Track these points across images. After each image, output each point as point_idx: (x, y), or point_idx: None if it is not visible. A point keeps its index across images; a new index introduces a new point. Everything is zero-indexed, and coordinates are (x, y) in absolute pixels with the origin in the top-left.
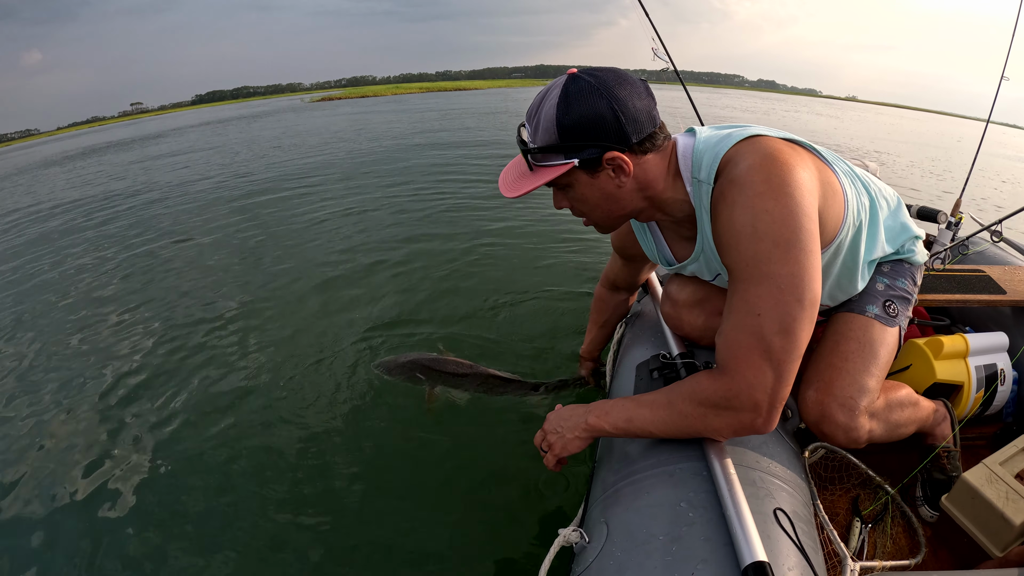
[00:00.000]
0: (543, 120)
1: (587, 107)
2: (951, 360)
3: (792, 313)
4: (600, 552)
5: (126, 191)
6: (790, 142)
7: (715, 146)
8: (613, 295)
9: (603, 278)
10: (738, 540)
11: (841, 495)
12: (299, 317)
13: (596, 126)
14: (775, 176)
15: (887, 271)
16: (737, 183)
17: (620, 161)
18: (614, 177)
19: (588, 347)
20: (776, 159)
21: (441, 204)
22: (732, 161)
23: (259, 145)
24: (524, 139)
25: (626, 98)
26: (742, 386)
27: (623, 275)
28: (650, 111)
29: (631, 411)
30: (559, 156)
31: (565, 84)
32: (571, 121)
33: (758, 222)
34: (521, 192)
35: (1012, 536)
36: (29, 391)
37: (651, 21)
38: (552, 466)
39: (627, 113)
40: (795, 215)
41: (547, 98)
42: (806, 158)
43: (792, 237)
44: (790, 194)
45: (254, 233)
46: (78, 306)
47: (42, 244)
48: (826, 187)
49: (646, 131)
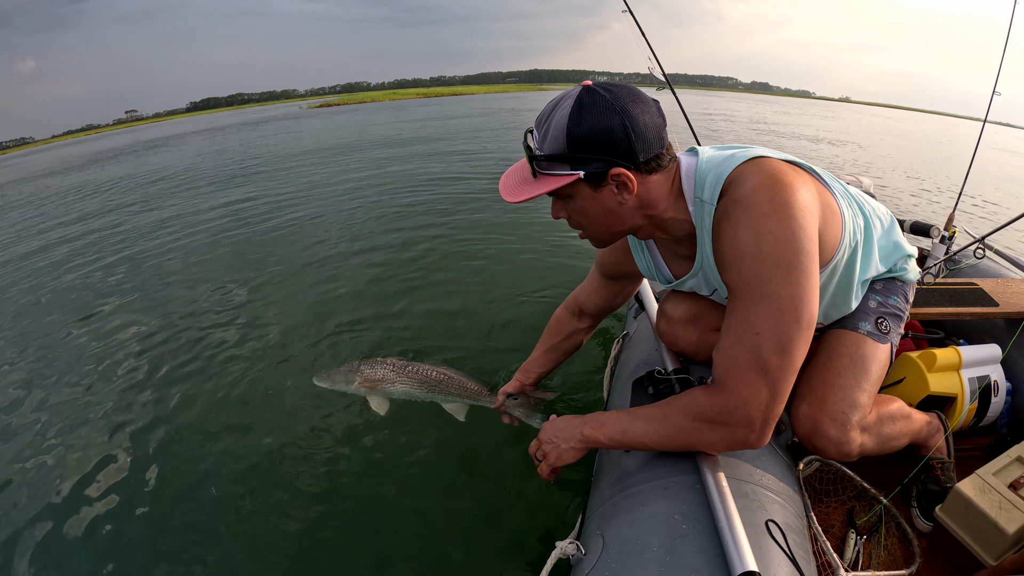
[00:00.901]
0: (553, 128)
1: (599, 121)
2: (944, 372)
3: (790, 333)
4: (596, 563)
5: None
6: (791, 164)
7: (718, 167)
8: (573, 321)
9: (569, 301)
10: (730, 551)
11: (836, 507)
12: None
13: (606, 140)
14: (779, 197)
15: (880, 289)
16: (741, 203)
17: (625, 178)
18: (617, 193)
19: (527, 364)
20: (780, 180)
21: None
22: (736, 181)
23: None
24: (531, 145)
25: (638, 116)
26: (737, 402)
27: (596, 298)
28: (659, 131)
29: (626, 423)
30: (565, 166)
31: (579, 95)
32: (582, 133)
33: (762, 242)
34: (523, 198)
35: (1006, 545)
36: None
37: (647, 40)
38: (546, 475)
39: (638, 131)
40: (798, 237)
41: (559, 107)
42: (807, 180)
43: (794, 259)
44: (793, 216)
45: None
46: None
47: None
48: (825, 209)
49: (654, 151)
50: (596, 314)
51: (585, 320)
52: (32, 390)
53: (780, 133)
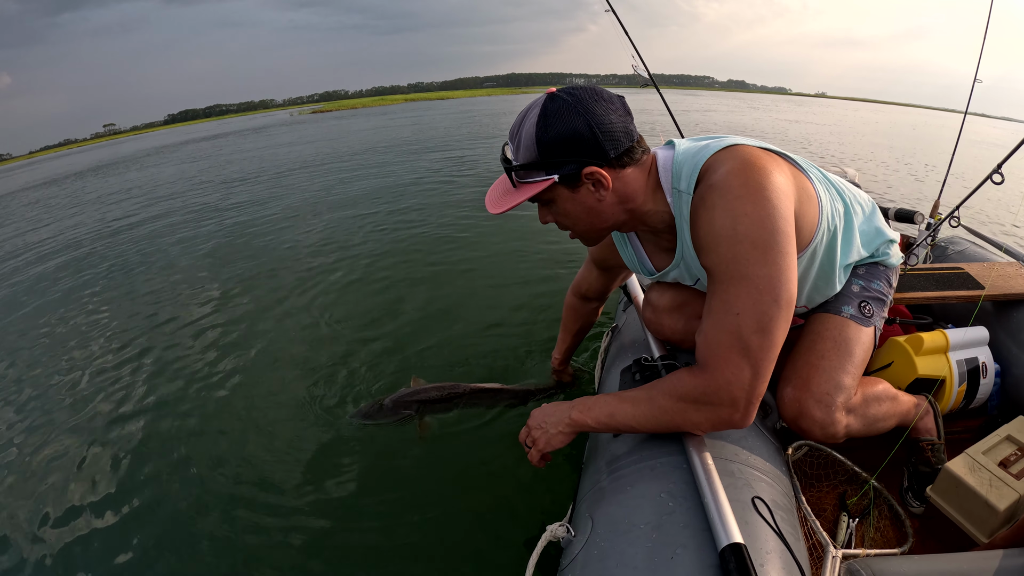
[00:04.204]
0: (524, 138)
1: (564, 124)
2: (932, 355)
3: (769, 313)
4: (585, 544)
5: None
6: (766, 150)
7: (694, 156)
8: (584, 304)
9: (574, 287)
10: (715, 525)
11: (828, 491)
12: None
13: (574, 142)
14: (752, 180)
15: (862, 273)
16: (716, 188)
17: (599, 176)
18: (594, 191)
19: (562, 355)
20: (754, 164)
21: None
22: (711, 169)
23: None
24: (508, 157)
25: (603, 115)
26: (721, 382)
27: (596, 285)
28: (627, 126)
29: (613, 406)
30: (540, 172)
31: (544, 104)
32: (550, 138)
33: (737, 224)
34: (505, 208)
35: (997, 523)
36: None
37: (631, 39)
38: (536, 462)
39: (604, 129)
40: (772, 218)
41: (527, 117)
42: (782, 164)
43: (769, 239)
44: (767, 197)
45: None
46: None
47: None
48: (801, 192)
49: (623, 146)
50: (598, 297)
51: (592, 303)
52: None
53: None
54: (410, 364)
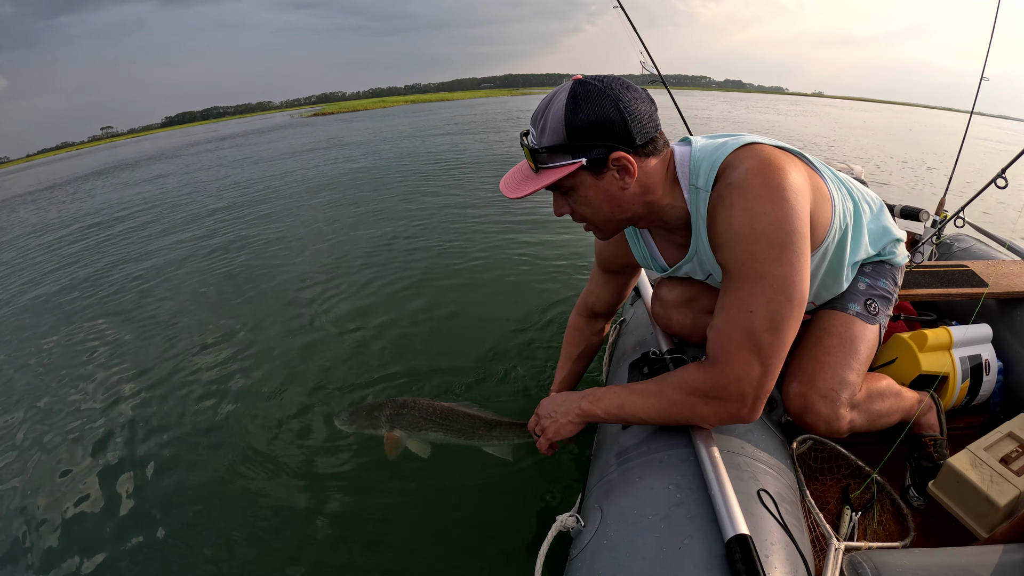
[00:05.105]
0: (551, 121)
1: (595, 108)
2: (936, 352)
3: (782, 312)
4: (595, 534)
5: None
6: (783, 149)
7: (712, 154)
8: (590, 323)
9: (580, 305)
10: (722, 516)
11: (832, 485)
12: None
13: (604, 126)
14: (772, 180)
15: (869, 272)
16: (736, 186)
17: (625, 161)
18: (619, 179)
19: (560, 386)
20: (773, 164)
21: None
22: (730, 167)
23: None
24: (530, 141)
25: (631, 101)
26: (731, 377)
27: (604, 295)
28: (652, 115)
29: (623, 398)
30: (566, 156)
31: (572, 88)
32: (579, 121)
33: (756, 223)
34: (526, 192)
35: (998, 518)
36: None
37: (639, 35)
38: (544, 450)
39: (633, 115)
40: (790, 218)
41: (554, 101)
42: (799, 164)
43: (786, 240)
44: (786, 197)
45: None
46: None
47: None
48: (816, 192)
49: (649, 134)
50: (607, 312)
51: (599, 321)
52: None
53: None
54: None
